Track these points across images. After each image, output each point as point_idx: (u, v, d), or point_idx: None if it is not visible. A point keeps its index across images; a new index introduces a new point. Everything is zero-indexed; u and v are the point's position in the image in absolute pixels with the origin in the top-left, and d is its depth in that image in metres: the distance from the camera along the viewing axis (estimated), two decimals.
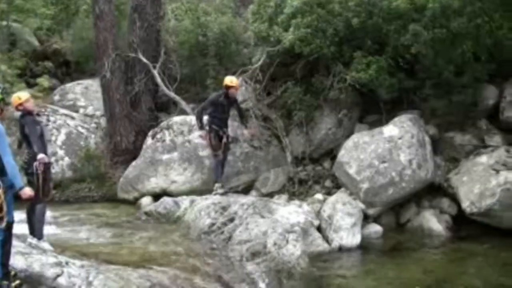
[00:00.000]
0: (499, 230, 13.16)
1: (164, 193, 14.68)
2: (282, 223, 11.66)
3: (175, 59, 18.43)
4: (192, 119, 15.42)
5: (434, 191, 14.32)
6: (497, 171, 13.33)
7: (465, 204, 13.41)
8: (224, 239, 11.36)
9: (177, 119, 15.99)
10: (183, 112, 16.99)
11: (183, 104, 17.30)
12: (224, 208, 12.20)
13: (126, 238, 11.74)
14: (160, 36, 18.43)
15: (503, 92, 15.01)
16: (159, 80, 17.66)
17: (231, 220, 11.90)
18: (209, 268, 9.91)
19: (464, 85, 14.54)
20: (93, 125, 18.05)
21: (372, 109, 15.79)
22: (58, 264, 8.38)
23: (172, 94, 17.61)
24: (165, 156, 15.37)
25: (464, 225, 13.78)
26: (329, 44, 14.96)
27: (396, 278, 10.95)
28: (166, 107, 18.53)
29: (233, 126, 14.46)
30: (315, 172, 15.26)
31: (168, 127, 15.76)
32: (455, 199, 13.94)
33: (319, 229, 13.16)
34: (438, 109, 14.81)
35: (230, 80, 13.49)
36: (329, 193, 14.42)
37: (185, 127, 15.59)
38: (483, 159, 13.88)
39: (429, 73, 14.73)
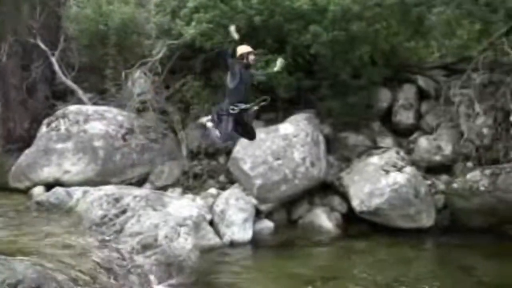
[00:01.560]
0: (387, 228, 13.90)
1: (57, 183, 14.32)
2: (174, 216, 11.66)
3: (75, 47, 18.19)
4: (88, 108, 15.38)
5: (326, 189, 14.92)
6: (387, 172, 14.12)
7: (355, 203, 14.05)
8: (115, 231, 11.16)
9: (73, 108, 15.73)
10: (80, 101, 16.80)
11: (80, 93, 17.13)
12: (117, 200, 11.93)
13: (13, 228, 11.22)
14: (60, 22, 18.10)
15: (396, 96, 15.94)
16: (57, 67, 17.36)
17: (123, 212, 11.67)
18: (99, 259, 9.66)
19: (360, 87, 15.16)
20: None
21: (269, 107, 15.43)
22: None
23: (69, 82, 17.39)
24: (59, 146, 15.05)
25: (354, 223, 14.37)
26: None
27: (286, 274, 11.33)
28: (63, 96, 18.03)
29: None
30: (210, 167, 15.45)
31: (64, 116, 15.44)
32: (346, 198, 14.52)
33: (211, 223, 13.48)
34: (333, 109, 15.34)
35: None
36: (223, 188, 14.70)
37: (80, 117, 15.33)
38: (375, 159, 14.61)
39: (326, 73, 15.22)
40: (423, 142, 15.54)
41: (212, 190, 14.63)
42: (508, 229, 13.96)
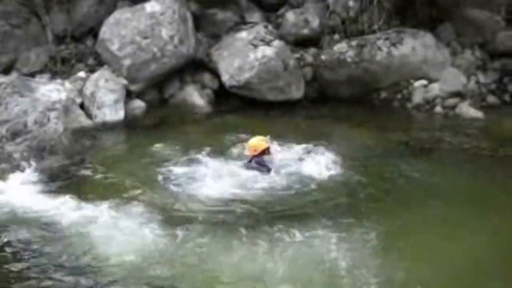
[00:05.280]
0: (258, 101, 14.45)
1: None
2: (42, 101, 11.69)
3: None
4: None
5: (196, 66, 15.07)
6: (256, 46, 14.48)
7: (225, 78, 14.44)
8: None
9: None
10: None
11: None
12: None
13: None
14: None
15: None
16: None
17: None
18: None
19: None
20: None
21: None
22: None
23: None
24: None
25: (225, 98, 14.82)
26: None
27: (160, 151, 11.61)
28: None
29: None
30: (78, 50, 15.32)
31: None
32: (216, 74, 14.79)
33: (82, 107, 13.64)
34: None
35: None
36: (92, 71, 14.60)
37: None
38: (243, 35, 14.90)
39: None
40: (291, 16, 15.74)
41: (81, 74, 14.56)
42: (373, 99, 14.80)
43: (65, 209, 8.91)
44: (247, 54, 14.37)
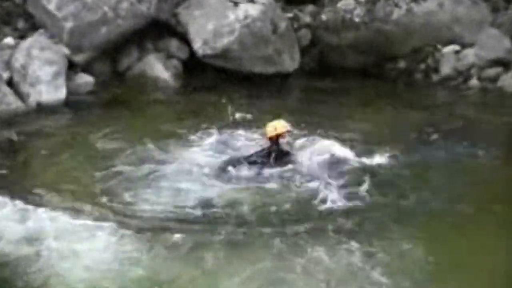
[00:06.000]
0: (240, 74, 13.38)
1: None
2: None
3: None
4: None
5: (160, 30, 14.05)
6: (236, 4, 13.50)
7: (197, 45, 13.37)
8: None
9: None
10: None
11: None
12: None
13: None
14: None
15: None
16: None
17: None
18: None
19: None
20: None
21: None
22: None
23: None
24: None
25: (198, 71, 13.73)
26: None
27: (112, 142, 10.51)
28: None
29: None
30: (3, 10, 13.84)
31: None
32: (185, 40, 13.80)
33: (10, 83, 12.33)
34: None
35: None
36: (23, 36, 13.30)
37: None
38: None
39: None
40: None
41: (9, 40, 13.18)
42: (389, 69, 13.88)
43: None
44: (225, 13, 13.33)
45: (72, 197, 8.67)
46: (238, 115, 10.98)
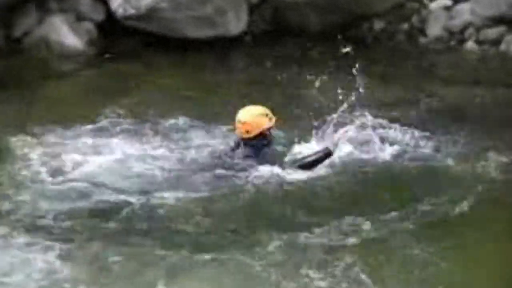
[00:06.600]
0: (171, 40, 11.96)
1: None
2: None
3: None
4: None
5: None
6: None
7: (116, 4, 11.97)
8: None
9: None
10: None
11: None
12: None
13: None
14: None
15: None
16: None
17: None
18: None
19: None
20: None
21: None
22: None
23: None
24: None
25: (117, 37, 12.22)
26: None
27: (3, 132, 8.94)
28: None
29: None
30: None
31: None
32: None
33: None
34: None
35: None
36: None
37: None
38: None
39: None
40: None
41: None
42: (363, 31, 12.39)
43: None
44: None
45: None
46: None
